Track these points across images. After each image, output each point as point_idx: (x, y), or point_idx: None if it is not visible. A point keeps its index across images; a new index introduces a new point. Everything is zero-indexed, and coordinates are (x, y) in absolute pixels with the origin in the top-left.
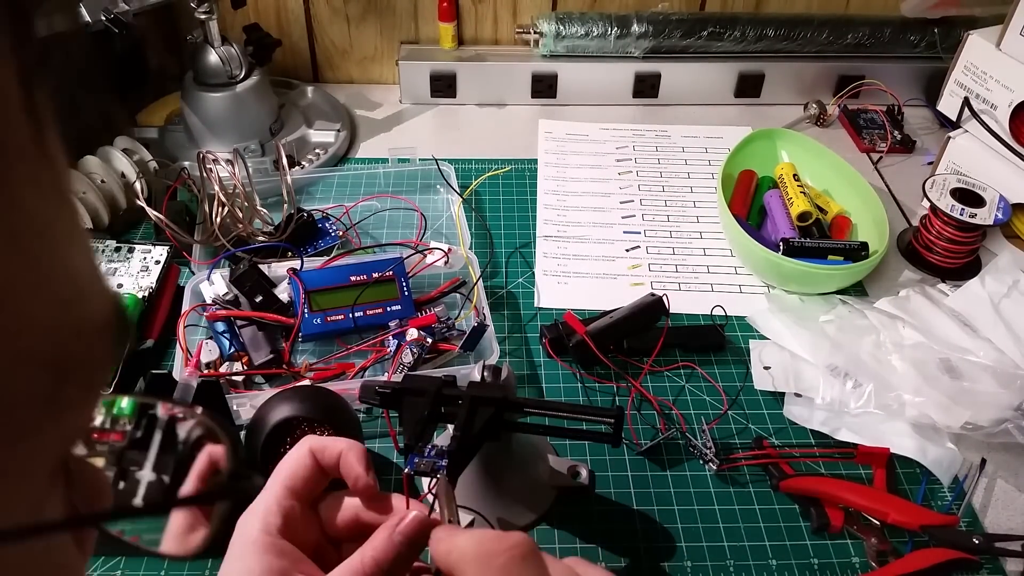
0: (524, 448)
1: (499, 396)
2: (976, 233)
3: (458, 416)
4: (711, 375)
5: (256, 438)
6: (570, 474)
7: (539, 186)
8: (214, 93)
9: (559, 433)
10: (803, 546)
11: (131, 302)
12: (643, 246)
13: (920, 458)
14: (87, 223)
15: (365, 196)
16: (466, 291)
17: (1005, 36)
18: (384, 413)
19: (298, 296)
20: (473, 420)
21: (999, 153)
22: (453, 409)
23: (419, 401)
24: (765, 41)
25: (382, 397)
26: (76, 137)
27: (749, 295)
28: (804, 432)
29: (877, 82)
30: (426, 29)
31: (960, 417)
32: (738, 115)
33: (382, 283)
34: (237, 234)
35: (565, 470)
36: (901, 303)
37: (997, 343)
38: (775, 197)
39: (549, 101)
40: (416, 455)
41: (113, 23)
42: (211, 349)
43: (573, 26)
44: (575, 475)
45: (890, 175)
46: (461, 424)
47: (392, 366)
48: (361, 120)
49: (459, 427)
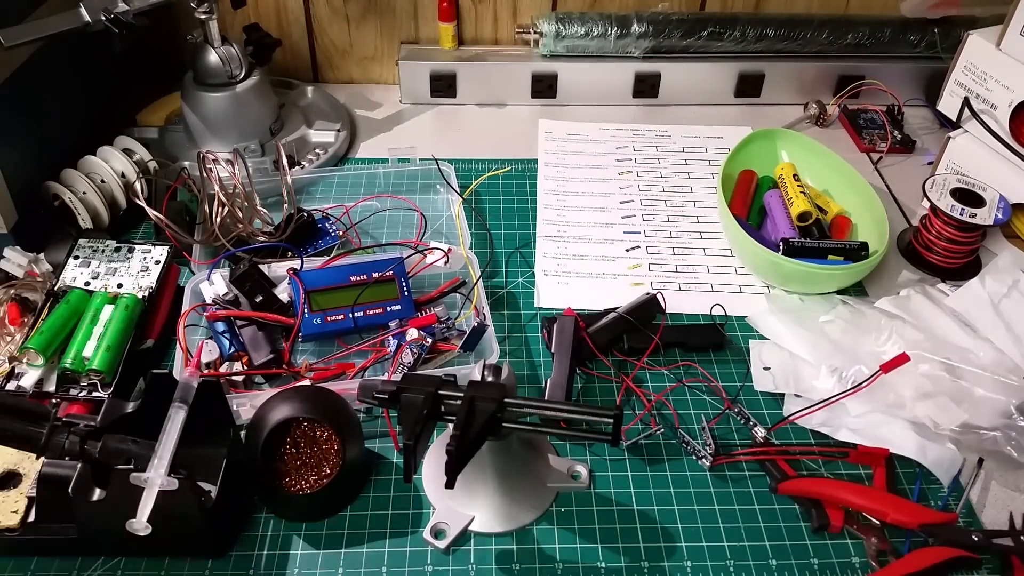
0: (524, 448)
1: (498, 395)
2: (976, 233)
3: (457, 415)
4: (711, 375)
5: (256, 438)
6: (569, 473)
7: (539, 186)
8: (214, 93)
9: (558, 432)
10: (803, 546)
11: (131, 302)
12: (643, 246)
13: (920, 458)
14: (87, 223)
15: (365, 196)
16: (466, 291)
17: (1005, 36)
18: (384, 413)
19: (298, 296)
20: (472, 419)
21: (999, 153)
22: (452, 408)
23: (417, 400)
24: (765, 41)
25: (380, 397)
26: (76, 137)
27: (749, 295)
28: (804, 432)
29: (877, 82)
30: (426, 29)
31: (957, 418)
32: (738, 115)
33: (382, 283)
34: (237, 234)
35: (564, 470)
36: (901, 303)
37: (997, 343)
38: (775, 197)
39: (549, 101)
40: None
41: (113, 23)
42: (211, 349)
43: (573, 26)
44: (574, 475)
45: (890, 175)
46: (461, 423)
47: (392, 366)
48: (361, 120)
49: (458, 426)
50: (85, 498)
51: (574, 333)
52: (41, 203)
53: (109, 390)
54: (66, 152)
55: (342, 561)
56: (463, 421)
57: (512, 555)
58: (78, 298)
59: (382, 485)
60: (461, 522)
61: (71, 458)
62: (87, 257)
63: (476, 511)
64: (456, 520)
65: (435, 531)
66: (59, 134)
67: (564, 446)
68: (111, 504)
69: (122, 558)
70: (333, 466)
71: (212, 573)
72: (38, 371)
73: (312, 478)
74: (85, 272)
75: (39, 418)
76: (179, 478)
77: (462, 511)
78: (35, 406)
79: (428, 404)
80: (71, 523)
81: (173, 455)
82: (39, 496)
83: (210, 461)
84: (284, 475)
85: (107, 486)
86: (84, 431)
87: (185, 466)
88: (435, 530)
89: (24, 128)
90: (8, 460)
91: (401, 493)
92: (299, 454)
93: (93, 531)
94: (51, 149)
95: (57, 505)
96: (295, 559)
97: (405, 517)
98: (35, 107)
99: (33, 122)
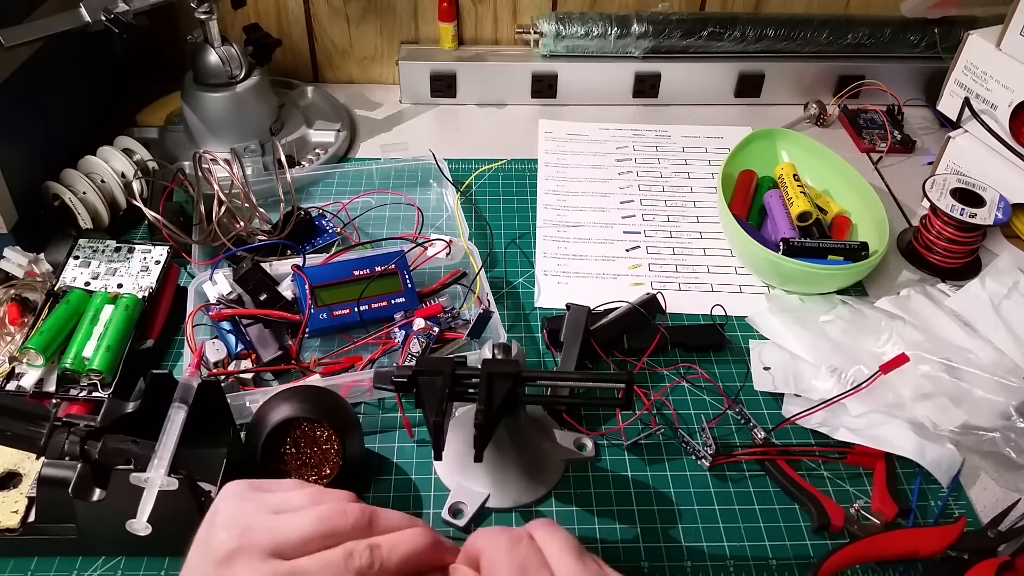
0: (531, 425)
1: (514, 369)
2: (976, 233)
3: (479, 391)
4: (711, 375)
5: (256, 438)
6: (576, 446)
7: (539, 186)
8: (214, 93)
9: (572, 401)
10: (803, 546)
11: (131, 302)
12: (643, 246)
13: (919, 459)
14: (87, 223)
15: (360, 192)
16: (467, 282)
17: (1005, 36)
18: (397, 399)
19: (303, 292)
20: (493, 393)
21: (999, 153)
22: (467, 387)
23: (437, 380)
24: (765, 41)
25: (397, 382)
26: (76, 137)
27: (749, 295)
28: (803, 432)
29: (877, 82)
30: (426, 29)
31: (956, 419)
32: (738, 115)
33: (385, 277)
34: (237, 233)
35: (571, 443)
36: (902, 303)
37: (998, 344)
38: (775, 197)
39: (549, 101)
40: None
41: (113, 23)
42: (218, 348)
43: (573, 26)
44: (581, 446)
45: (890, 175)
46: (484, 398)
47: (402, 356)
48: (361, 120)
49: (482, 400)
50: (85, 498)
51: (585, 326)
52: (41, 203)
53: (109, 390)
54: (66, 152)
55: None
56: (485, 396)
57: None
58: (78, 298)
59: (381, 485)
60: (477, 500)
61: (71, 458)
62: (87, 257)
63: (490, 488)
64: (472, 499)
65: (453, 511)
66: (59, 134)
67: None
68: (111, 504)
69: (122, 558)
70: (333, 466)
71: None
72: (38, 371)
73: (312, 478)
74: (85, 272)
75: (39, 418)
76: (179, 478)
77: (477, 489)
78: (35, 406)
79: (448, 383)
80: (71, 523)
81: (173, 455)
82: (39, 496)
83: (210, 461)
84: (284, 475)
85: (107, 486)
86: (84, 431)
87: (185, 466)
88: (453, 510)
89: (24, 128)
90: (8, 460)
91: (401, 493)
92: (299, 454)
93: (93, 531)
94: (51, 149)
95: (57, 505)
96: None
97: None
98: (35, 107)
99: (33, 122)
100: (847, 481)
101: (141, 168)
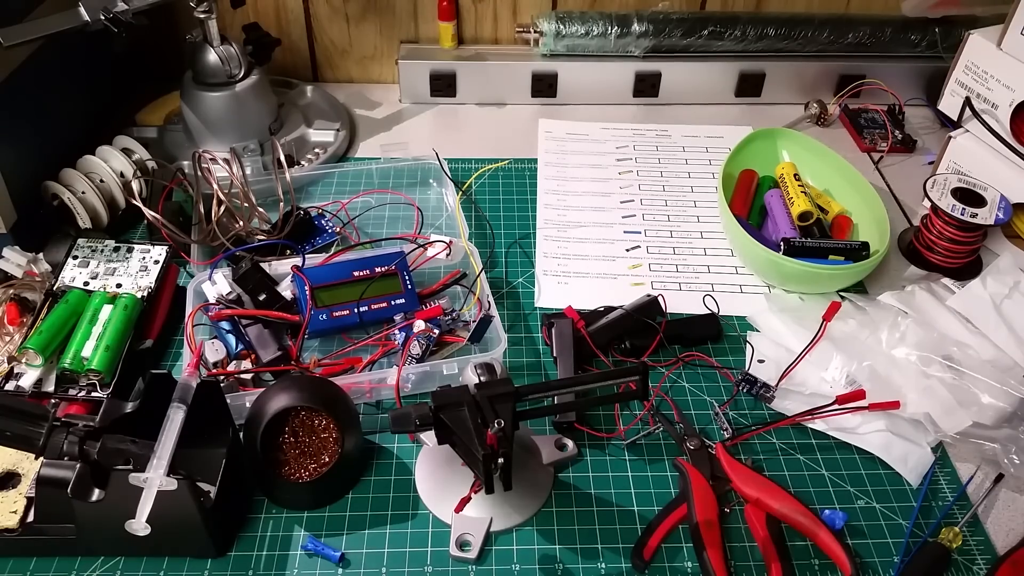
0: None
1: (510, 388)
2: (977, 233)
3: (500, 415)
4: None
5: (255, 427)
6: (558, 447)
7: (539, 186)
8: (213, 92)
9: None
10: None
11: (130, 302)
12: (643, 246)
13: (883, 455)
14: (86, 223)
15: (360, 192)
16: (467, 283)
17: (1006, 36)
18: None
19: (303, 293)
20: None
21: (1000, 153)
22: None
23: (462, 412)
24: (766, 40)
25: (421, 426)
26: (75, 137)
27: (750, 295)
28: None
29: (878, 82)
30: (426, 28)
31: (961, 423)
32: (739, 115)
33: (385, 278)
34: (236, 233)
35: (552, 446)
36: (905, 298)
37: (999, 344)
38: (776, 197)
39: (549, 100)
40: None
41: (113, 23)
42: (217, 349)
43: (573, 25)
44: (562, 447)
45: (891, 175)
46: (510, 418)
47: (401, 359)
48: (361, 120)
49: (506, 424)
50: (84, 498)
51: (573, 335)
52: (40, 203)
53: (108, 390)
54: (65, 152)
55: (343, 553)
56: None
57: (512, 555)
58: (77, 298)
59: (383, 485)
60: (481, 528)
61: (70, 458)
62: (86, 257)
63: (490, 512)
64: (475, 527)
65: (460, 544)
66: (58, 134)
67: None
68: (110, 504)
69: (122, 558)
70: (332, 454)
71: (211, 573)
72: (37, 371)
73: (311, 466)
74: (84, 272)
75: (38, 418)
76: (178, 478)
77: (477, 516)
78: (34, 406)
79: (476, 412)
80: (70, 523)
81: (172, 455)
82: (38, 496)
83: (210, 461)
84: (283, 464)
85: (106, 487)
86: (83, 431)
87: (184, 466)
88: (460, 543)
89: (23, 128)
90: (7, 460)
91: (402, 493)
92: (298, 443)
93: (92, 531)
94: (50, 149)
95: (56, 505)
96: (295, 559)
97: (406, 499)
98: (34, 107)
99: (32, 122)
100: (847, 481)
101: (140, 168)
